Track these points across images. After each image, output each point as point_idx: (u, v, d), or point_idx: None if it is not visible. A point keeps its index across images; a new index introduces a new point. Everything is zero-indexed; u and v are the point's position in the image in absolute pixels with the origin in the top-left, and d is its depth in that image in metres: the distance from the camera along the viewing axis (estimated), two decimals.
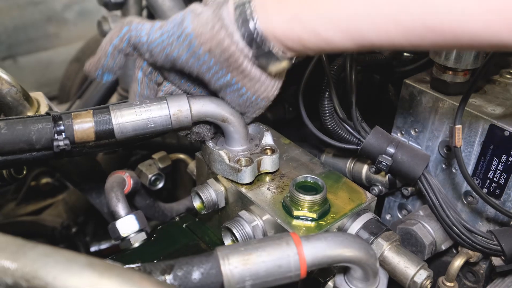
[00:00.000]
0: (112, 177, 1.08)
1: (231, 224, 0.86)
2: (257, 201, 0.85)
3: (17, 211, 1.69)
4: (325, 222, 0.83)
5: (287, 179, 0.91)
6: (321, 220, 0.83)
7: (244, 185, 0.88)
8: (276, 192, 0.88)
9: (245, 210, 0.88)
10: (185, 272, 0.63)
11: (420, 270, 0.82)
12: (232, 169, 0.87)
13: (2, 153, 0.75)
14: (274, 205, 0.85)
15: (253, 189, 0.88)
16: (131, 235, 1.01)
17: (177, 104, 0.83)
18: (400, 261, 0.84)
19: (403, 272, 0.83)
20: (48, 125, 0.76)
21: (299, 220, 0.82)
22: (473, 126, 0.89)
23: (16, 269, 0.51)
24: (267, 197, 0.86)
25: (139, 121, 0.80)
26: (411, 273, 0.82)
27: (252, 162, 0.87)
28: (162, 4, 1.37)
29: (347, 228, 0.85)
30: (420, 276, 0.82)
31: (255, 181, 0.90)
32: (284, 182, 0.90)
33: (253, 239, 0.82)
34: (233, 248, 0.66)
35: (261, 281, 0.65)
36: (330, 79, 0.95)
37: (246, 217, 0.86)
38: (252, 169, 0.87)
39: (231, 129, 0.87)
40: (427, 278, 0.82)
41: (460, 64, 0.90)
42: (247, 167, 0.86)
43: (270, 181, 0.90)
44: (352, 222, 0.85)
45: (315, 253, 0.67)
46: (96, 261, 0.53)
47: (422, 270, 0.82)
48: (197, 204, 0.94)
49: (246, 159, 0.88)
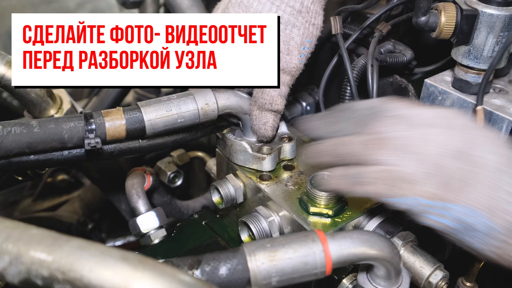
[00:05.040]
0: (132, 174, 1.10)
1: (248, 218, 0.87)
2: (274, 197, 0.87)
3: (33, 207, 1.70)
4: (341, 220, 0.83)
5: (305, 177, 0.92)
6: (337, 218, 0.83)
7: (262, 181, 0.90)
8: (293, 188, 0.89)
9: (263, 205, 0.89)
10: (212, 267, 0.64)
11: (435, 271, 0.82)
12: (255, 158, 0.90)
13: (35, 152, 0.76)
14: (291, 201, 0.86)
15: (271, 185, 0.89)
16: (151, 231, 1.02)
17: (203, 98, 0.85)
18: (416, 261, 0.83)
19: (418, 272, 0.83)
20: (80, 123, 0.78)
21: (315, 217, 0.83)
22: (495, 126, 0.89)
23: (52, 262, 0.52)
24: (285, 193, 0.88)
25: (169, 117, 0.82)
26: (426, 273, 0.82)
27: (274, 150, 0.91)
28: (180, 3, 1.38)
29: (363, 227, 0.85)
30: (435, 276, 0.82)
31: (273, 177, 0.91)
32: (302, 179, 0.91)
33: (279, 236, 0.83)
34: (260, 245, 0.67)
35: (287, 277, 0.66)
36: (352, 78, 0.95)
37: (263, 212, 0.87)
38: (274, 157, 0.91)
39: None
40: (443, 279, 0.82)
41: (483, 64, 0.90)
42: (270, 155, 0.90)
43: (288, 177, 0.92)
44: (368, 221, 0.86)
45: (340, 251, 0.68)
46: (130, 255, 0.54)
47: (437, 270, 0.82)
48: (216, 198, 0.96)
49: (268, 148, 0.92)
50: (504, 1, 0.85)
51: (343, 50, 0.94)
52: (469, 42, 0.89)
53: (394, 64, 1.05)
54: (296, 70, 0.89)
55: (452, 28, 0.88)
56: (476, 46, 0.89)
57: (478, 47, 0.89)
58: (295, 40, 0.86)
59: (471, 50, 0.90)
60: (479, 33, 0.88)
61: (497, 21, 0.86)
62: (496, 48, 0.88)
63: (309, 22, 0.86)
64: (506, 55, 0.90)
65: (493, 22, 0.86)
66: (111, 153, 0.85)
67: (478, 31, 0.88)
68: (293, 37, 0.86)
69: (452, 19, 0.87)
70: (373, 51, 0.98)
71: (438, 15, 0.88)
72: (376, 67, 0.97)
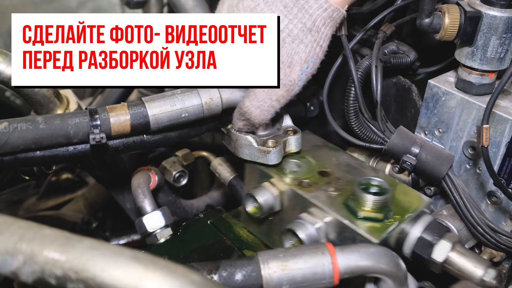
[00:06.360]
0: (138, 174, 1.10)
1: (295, 225, 0.83)
2: (319, 203, 0.85)
3: (37, 206, 1.71)
4: (390, 223, 0.82)
5: (343, 182, 0.90)
6: (387, 221, 0.82)
7: (301, 188, 0.88)
8: (335, 194, 0.87)
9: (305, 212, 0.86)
10: (229, 273, 0.70)
11: (488, 269, 0.82)
12: (261, 152, 0.90)
13: (40, 148, 0.78)
14: (337, 207, 0.84)
15: (311, 192, 0.87)
16: (157, 230, 1.03)
17: (207, 92, 0.86)
18: (467, 262, 0.83)
19: (471, 271, 0.82)
20: (85, 119, 0.79)
21: (364, 221, 0.82)
22: (498, 127, 0.90)
23: (66, 261, 0.53)
24: (328, 199, 0.86)
25: (173, 112, 0.83)
26: (480, 272, 0.82)
27: (279, 143, 0.90)
28: (184, 3, 1.39)
29: (408, 231, 0.85)
30: (488, 275, 0.81)
31: (312, 183, 0.90)
32: (341, 184, 0.90)
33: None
34: (273, 254, 0.72)
35: (296, 286, 0.71)
36: (356, 79, 0.96)
37: (308, 219, 0.84)
38: (279, 150, 0.90)
39: None
40: (496, 277, 0.82)
41: (487, 65, 0.90)
42: (276, 148, 0.89)
43: (326, 184, 0.90)
44: (413, 224, 0.85)
45: (348, 263, 0.72)
46: (141, 255, 0.55)
47: (490, 269, 0.82)
48: (251, 208, 0.92)
49: (273, 141, 0.91)
50: (508, 2, 0.86)
51: (348, 51, 0.95)
52: (472, 44, 0.90)
53: (398, 65, 1.06)
54: (292, 85, 0.87)
55: (456, 29, 0.89)
56: (479, 48, 0.90)
57: (482, 48, 0.90)
58: (300, 56, 0.86)
59: (474, 51, 0.90)
60: (482, 34, 0.89)
61: (500, 23, 0.87)
62: (499, 49, 0.89)
63: (317, 42, 0.86)
64: (510, 56, 0.91)
65: (497, 24, 0.87)
66: (116, 148, 0.85)
67: (481, 32, 0.88)
68: (299, 52, 0.85)
69: (455, 21, 0.88)
70: (377, 52, 0.98)
71: (442, 17, 0.89)
72: (380, 68, 0.98)
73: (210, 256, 0.95)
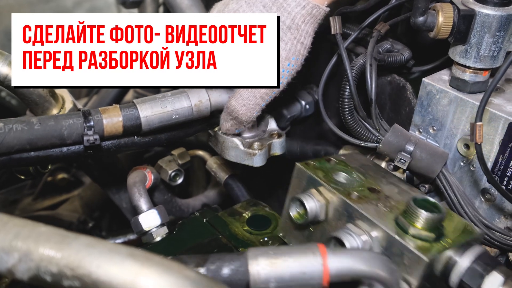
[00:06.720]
0: (134, 173, 1.11)
1: (341, 234, 0.80)
2: (368, 215, 0.81)
3: (33, 206, 1.71)
4: (441, 245, 0.78)
5: (394, 201, 0.86)
6: (438, 242, 0.78)
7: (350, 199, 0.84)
8: (386, 210, 0.83)
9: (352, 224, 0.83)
10: (217, 266, 0.69)
11: None
12: (246, 154, 0.93)
13: (35, 148, 0.78)
14: (386, 221, 0.81)
15: (361, 204, 0.83)
16: (153, 229, 1.03)
17: (197, 95, 0.88)
18: None
19: None
20: (79, 120, 0.79)
21: (415, 238, 0.78)
22: (492, 125, 0.91)
23: (61, 258, 0.53)
24: (378, 214, 0.82)
25: (164, 113, 0.85)
26: None
27: (264, 146, 0.93)
28: (180, 3, 1.39)
29: (458, 258, 0.81)
30: None
31: (362, 196, 0.85)
32: (391, 202, 0.86)
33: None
34: (264, 251, 0.70)
35: (284, 284, 0.69)
36: (351, 77, 0.96)
37: (355, 230, 0.81)
38: (264, 153, 0.93)
39: None
40: None
41: (480, 63, 0.91)
42: (261, 151, 0.93)
43: (375, 199, 0.86)
44: (463, 252, 0.81)
45: (339, 266, 0.70)
46: (137, 252, 0.55)
47: None
48: (295, 213, 0.88)
49: (258, 144, 0.94)
50: (501, 1, 0.87)
51: (342, 50, 0.95)
52: (466, 42, 0.90)
53: (392, 63, 1.06)
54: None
55: (450, 28, 0.89)
56: (473, 46, 0.90)
57: (475, 46, 0.90)
58: (280, 53, 0.88)
59: (468, 49, 0.91)
60: (476, 33, 0.89)
61: (494, 21, 0.87)
62: (492, 48, 0.90)
63: (298, 39, 0.87)
64: (503, 54, 0.92)
65: (490, 22, 0.87)
66: (108, 149, 0.87)
67: (475, 31, 0.89)
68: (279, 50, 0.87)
69: (449, 19, 0.89)
70: (372, 50, 0.99)
71: (436, 15, 0.90)
72: (375, 67, 0.98)
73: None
